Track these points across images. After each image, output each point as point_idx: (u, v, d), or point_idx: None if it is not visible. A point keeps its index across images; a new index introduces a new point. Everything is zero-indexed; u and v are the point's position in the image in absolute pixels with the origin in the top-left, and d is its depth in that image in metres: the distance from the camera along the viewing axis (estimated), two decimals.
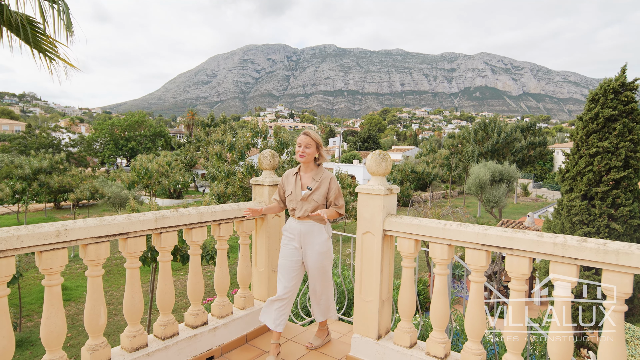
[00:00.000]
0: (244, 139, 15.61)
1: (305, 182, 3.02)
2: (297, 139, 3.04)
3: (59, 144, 37.55)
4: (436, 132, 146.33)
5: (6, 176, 24.24)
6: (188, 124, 61.82)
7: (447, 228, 2.57)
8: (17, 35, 4.22)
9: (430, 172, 34.84)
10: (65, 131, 46.70)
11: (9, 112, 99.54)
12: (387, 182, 2.99)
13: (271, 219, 3.55)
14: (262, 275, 3.61)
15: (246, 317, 3.38)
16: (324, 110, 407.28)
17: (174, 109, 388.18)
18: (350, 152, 64.55)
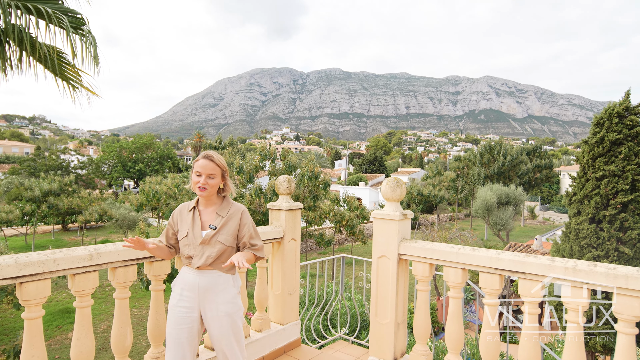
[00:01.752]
0: (252, 162, 15.83)
1: (207, 220, 2.35)
2: (195, 165, 2.33)
3: (68, 166, 38.06)
4: (442, 154, 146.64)
5: (15, 198, 24.56)
6: (195, 146, 62.59)
7: (461, 252, 2.66)
8: (44, 65, 4.46)
9: (436, 194, 34.83)
10: (74, 153, 47.47)
11: (19, 135, 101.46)
12: (401, 208, 3.10)
13: (287, 243, 3.66)
14: (278, 299, 3.69)
15: (263, 340, 3.45)
16: (330, 132, 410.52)
17: (182, 131, 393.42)
18: (356, 174, 64.74)
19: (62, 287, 16.82)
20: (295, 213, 3.71)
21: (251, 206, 14.95)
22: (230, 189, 2.46)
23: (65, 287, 16.91)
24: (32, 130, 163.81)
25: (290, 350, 3.68)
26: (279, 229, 3.59)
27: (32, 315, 2.17)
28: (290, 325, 3.70)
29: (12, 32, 3.54)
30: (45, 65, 4.37)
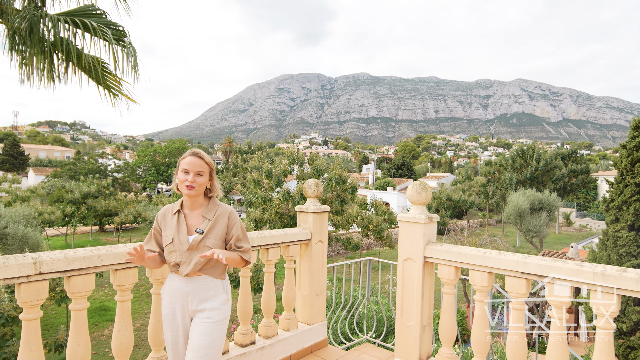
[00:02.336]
0: (281, 166, 16.07)
1: (193, 223, 2.22)
2: (182, 162, 2.20)
3: (106, 169, 39.64)
4: (472, 159, 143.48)
5: (57, 200, 25.80)
6: (225, 151, 63.86)
7: (486, 256, 2.67)
8: (88, 75, 4.75)
9: (466, 199, 34.14)
10: (111, 157, 49.45)
11: (61, 140, 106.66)
12: (427, 211, 3.13)
13: (315, 245, 3.74)
14: (306, 299, 3.78)
15: (290, 339, 3.54)
16: (358, 137, 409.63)
17: (212, 136, 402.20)
18: (384, 179, 64.30)
19: (99, 286, 17.51)
20: (322, 216, 3.79)
21: (279, 209, 15.16)
22: (217, 190, 2.31)
23: (101, 286, 17.62)
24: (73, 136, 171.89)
25: (317, 350, 3.75)
26: (306, 231, 3.69)
27: (78, 306, 2.34)
28: (317, 326, 3.77)
29: (60, 44, 3.81)
30: (89, 74, 4.65)
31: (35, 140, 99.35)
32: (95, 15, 4.11)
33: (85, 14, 4.04)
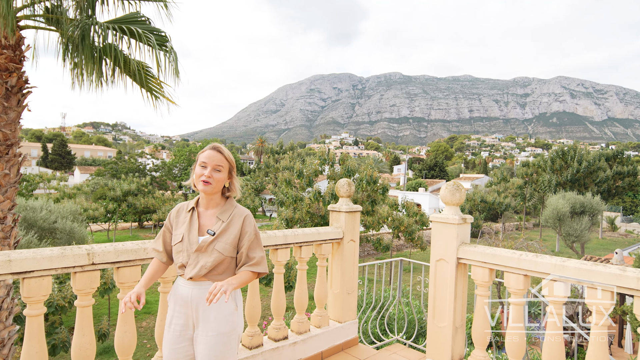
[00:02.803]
0: (312, 166, 16.19)
1: (206, 224, 2.06)
2: (201, 156, 2.06)
3: (144, 168, 41.18)
4: (508, 160, 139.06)
5: (100, 197, 27.06)
6: (257, 151, 64.93)
7: (522, 258, 2.64)
8: (133, 79, 4.99)
9: (501, 202, 33.15)
10: (149, 157, 51.38)
11: (104, 140, 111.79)
12: (461, 212, 3.11)
13: (346, 244, 3.79)
14: (337, 297, 3.84)
15: (322, 335, 3.60)
16: (389, 137, 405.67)
17: (245, 136, 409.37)
18: (416, 179, 63.40)
19: None
20: (354, 215, 3.84)
21: (310, 209, 15.28)
22: (236, 190, 2.13)
23: None
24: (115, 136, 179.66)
25: (348, 348, 3.80)
26: (338, 230, 3.74)
27: None
28: (348, 324, 3.82)
29: (109, 50, 4.04)
30: (134, 78, 4.90)
31: (80, 140, 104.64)
32: (140, 22, 4.33)
33: (131, 21, 4.26)
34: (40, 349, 2.17)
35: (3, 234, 3.94)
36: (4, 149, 3.91)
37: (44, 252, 2.16)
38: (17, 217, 4.12)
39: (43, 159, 65.30)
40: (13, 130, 3.96)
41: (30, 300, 2.14)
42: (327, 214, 15.36)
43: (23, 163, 4.31)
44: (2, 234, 3.93)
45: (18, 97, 4.04)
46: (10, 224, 4.01)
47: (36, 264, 2.11)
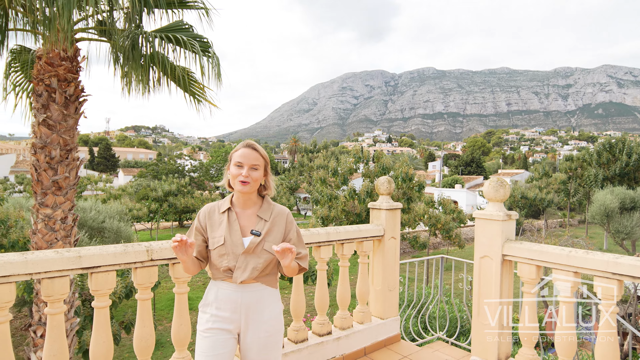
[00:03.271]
0: (346, 164, 16.22)
1: (247, 224, 1.99)
2: (235, 155, 1.99)
3: (183, 169, 42.57)
4: (550, 154, 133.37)
5: (143, 197, 28.22)
6: (291, 150, 65.58)
7: (572, 255, 2.58)
8: (177, 84, 5.22)
9: (543, 198, 31.86)
10: (187, 158, 53.07)
11: (145, 143, 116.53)
12: (505, 209, 3.07)
13: (387, 241, 3.82)
14: (379, 294, 3.87)
15: (365, 331, 3.65)
16: (423, 133, 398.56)
17: (278, 136, 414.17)
18: (452, 176, 62.00)
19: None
20: (395, 212, 3.86)
21: (345, 207, 15.32)
22: (272, 188, 2.08)
23: None
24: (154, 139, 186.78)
25: (390, 344, 3.83)
26: (379, 227, 3.78)
27: (180, 290, 2.66)
28: (390, 320, 3.85)
29: (156, 59, 4.26)
30: (178, 83, 5.13)
31: (123, 143, 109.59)
32: (184, 30, 4.53)
33: (176, 29, 4.46)
34: (106, 338, 2.35)
35: (64, 232, 4.23)
36: (64, 153, 4.20)
37: (109, 249, 2.33)
38: (76, 217, 4.42)
39: (90, 162, 68.85)
40: (71, 136, 4.25)
41: (97, 294, 2.31)
42: (363, 212, 15.35)
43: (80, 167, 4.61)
44: (64, 233, 4.23)
45: (75, 105, 4.33)
46: (70, 224, 4.31)
47: (102, 259, 2.28)
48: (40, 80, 4.05)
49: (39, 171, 4.08)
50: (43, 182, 4.09)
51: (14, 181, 43.69)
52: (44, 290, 2.16)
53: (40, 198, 4.11)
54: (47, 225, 4.12)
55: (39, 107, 4.09)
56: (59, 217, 4.15)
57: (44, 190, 4.11)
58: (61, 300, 2.24)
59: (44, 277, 2.13)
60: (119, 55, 4.86)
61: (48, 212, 4.12)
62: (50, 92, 4.09)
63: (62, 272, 2.17)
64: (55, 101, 4.10)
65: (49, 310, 2.20)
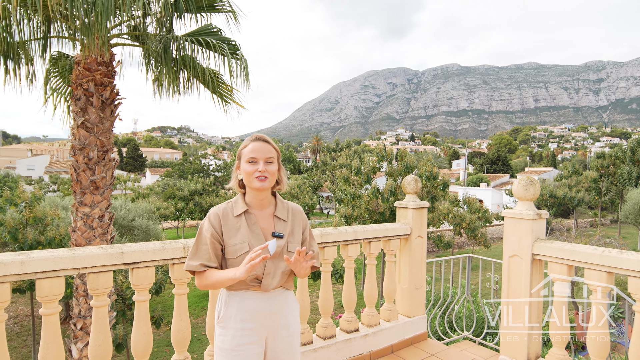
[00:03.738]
0: (369, 163, 16.20)
1: (266, 226, 1.85)
2: (245, 151, 1.83)
3: (208, 169, 43.36)
4: (580, 151, 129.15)
5: (169, 197, 28.93)
6: (313, 149, 65.80)
7: (605, 254, 2.55)
8: (205, 85, 5.36)
9: (573, 196, 30.91)
10: (212, 158, 54.02)
11: (170, 143, 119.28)
12: (535, 207, 3.05)
13: (414, 240, 3.84)
14: (405, 292, 3.89)
15: (392, 329, 3.68)
16: (447, 131, 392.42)
17: (300, 135, 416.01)
18: (477, 174, 60.87)
19: None
20: (421, 211, 3.87)
21: (369, 206, 15.31)
22: (284, 182, 1.93)
23: None
24: (180, 139, 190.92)
25: (417, 342, 3.85)
26: (406, 226, 3.80)
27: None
28: (417, 319, 3.87)
29: (187, 62, 4.39)
30: (206, 85, 5.27)
31: (150, 144, 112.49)
32: (213, 33, 4.66)
33: (205, 33, 4.60)
34: (147, 330, 2.47)
35: (102, 230, 4.43)
36: (101, 154, 4.39)
37: (148, 246, 2.45)
38: (112, 215, 4.62)
39: (119, 162, 71.00)
40: (108, 137, 4.45)
41: (138, 288, 2.44)
42: (386, 211, 15.30)
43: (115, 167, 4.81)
44: (101, 230, 4.43)
45: (111, 108, 4.52)
46: (107, 222, 4.51)
47: (143, 256, 2.40)
48: (78, 84, 4.25)
49: (78, 171, 4.29)
50: (82, 182, 4.29)
51: (48, 181, 45.51)
52: (90, 284, 2.29)
53: (80, 197, 4.32)
54: (85, 223, 4.33)
55: (78, 110, 4.29)
56: (96, 215, 4.35)
57: (82, 190, 4.31)
58: (105, 294, 2.37)
59: (90, 272, 2.26)
60: (150, 59, 5.04)
61: (87, 211, 4.32)
62: (88, 96, 4.28)
63: (107, 267, 2.30)
64: (93, 104, 4.30)
65: (94, 303, 2.33)
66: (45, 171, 59.15)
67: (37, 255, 2.12)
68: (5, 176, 31.90)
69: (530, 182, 2.97)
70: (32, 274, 2.10)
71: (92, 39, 3.71)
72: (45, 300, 2.17)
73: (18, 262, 2.05)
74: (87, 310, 4.44)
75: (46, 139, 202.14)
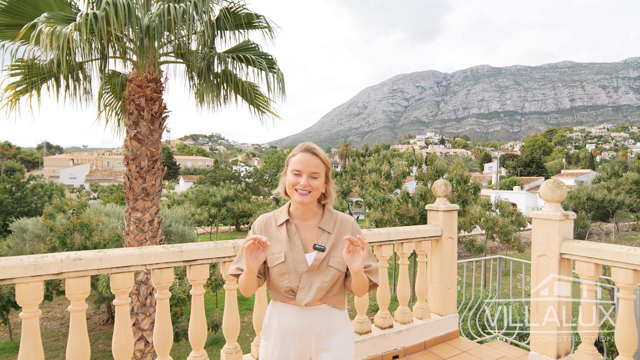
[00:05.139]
0: (399, 168, 16.28)
1: (308, 238, 1.79)
2: (292, 161, 1.78)
3: (239, 175, 44.36)
4: (620, 152, 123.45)
5: (203, 203, 29.83)
6: (342, 154, 65.98)
7: (631, 253, 2.66)
8: (243, 97, 5.71)
9: (613, 199, 29.72)
10: (242, 164, 55.30)
11: (202, 151, 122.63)
12: (562, 209, 3.17)
13: (445, 241, 4.00)
14: (437, 291, 4.06)
15: (424, 327, 3.85)
16: (478, 134, 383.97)
17: (329, 140, 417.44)
18: (510, 177, 59.33)
19: None
20: (452, 214, 4.03)
21: (399, 210, 15.37)
22: (333, 196, 1.85)
23: None
24: (211, 146, 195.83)
25: (450, 340, 4.00)
26: (437, 228, 3.97)
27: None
28: (449, 317, 4.02)
29: (228, 77, 4.75)
30: (244, 97, 5.62)
31: (183, 152, 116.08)
32: (251, 49, 5.00)
33: (244, 49, 4.94)
34: (202, 321, 2.77)
35: (152, 233, 4.83)
36: (150, 164, 4.80)
37: (203, 245, 2.75)
38: (160, 219, 5.01)
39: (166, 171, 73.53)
40: (157, 148, 4.85)
41: (195, 283, 2.74)
42: (417, 215, 15.31)
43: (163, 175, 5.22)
44: (151, 234, 4.82)
45: (159, 120, 4.93)
46: (156, 225, 4.90)
47: (199, 254, 2.71)
48: (131, 100, 4.67)
49: (131, 180, 4.70)
50: (134, 189, 4.70)
51: (89, 189, 47.76)
52: (154, 278, 2.61)
53: (132, 203, 4.73)
54: (137, 227, 4.73)
55: (130, 123, 4.72)
56: (147, 219, 4.75)
57: (135, 197, 4.72)
58: (167, 288, 2.68)
59: (154, 268, 2.58)
60: (193, 75, 5.44)
61: (138, 216, 4.73)
62: (140, 110, 4.70)
63: (169, 264, 2.62)
64: (144, 118, 4.72)
65: (158, 295, 2.65)
66: (85, 179, 62.11)
67: (112, 253, 2.45)
68: (50, 185, 33.81)
69: (556, 185, 3.10)
70: (108, 269, 2.43)
71: (144, 59, 4.10)
72: (118, 292, 2.50)
73: (97, 258, 2.39)
74: (139, 307, 4.83)
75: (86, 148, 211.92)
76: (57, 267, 2.23)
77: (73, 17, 3.66)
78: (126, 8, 3.39)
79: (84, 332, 2.39)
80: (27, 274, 2.15)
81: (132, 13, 3.51)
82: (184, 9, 3.58)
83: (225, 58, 4.70)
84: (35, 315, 2.21)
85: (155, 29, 3.76)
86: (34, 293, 2.19)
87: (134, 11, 3.68)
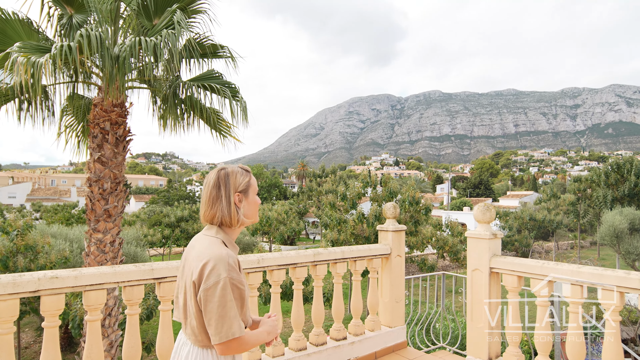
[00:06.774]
0: (355, 189, 16.85)
1: None
2: (252, 183, 1.74)
3: (194, 195, 43.45)
4: (560, 175, 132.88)
5: (155, 223, 28.97)
6: (299, 175, 66.44)
7: (545, 266, 3.16)
8: (206, 122, 5.94)
9: (552, 219, 32.04)
10: (198, 184, 54.14)
11: (155, 170, 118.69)
12: (492, 228, 3.66)
13: (394, 258, 4.40)
14: (387, 305, 4.43)
15: (375, 338, 4.19)
16: (430, 156, 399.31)
17: (286, 161, 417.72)
18: (460, 198, 62.18)
19: None
20: (400, 234, 4.45)
21: (354, 230, 15.84)
22: None
23: None
24: (164, 165, 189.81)
25: (399, 350, 4.36)
26: (386, 247, 4.37)
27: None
28: (397, 329, 4.39)
29: (194, 103, 4.99)
30: (207, 122, 5.85)
31: (134, 170, 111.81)
32: (215, 78, 5.28)
33: (209, 78, 5.22)
34: (170, 334, 2.95)
35: (112, 254, 4.88)
36: (114, 186, 4.90)
37: (172, 264, 2.96)
38: (121, 240, 5.08)
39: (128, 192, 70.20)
40: (120, 170, 4.96)
41: (164, 299, 2.93)
42: (371, 235, 15.84)
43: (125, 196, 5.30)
44: (112, 254, 4.88)
45: (124, 144, 5.06)
46: (117, 246, 4.96)
47: (168, 272, 2.91)
48: (96, 124, 4.79)
49: (93, 201, 4.77)
50: (96, 211, 4.77)
51: (30, 209, 44.88)
52: (125, 295, 2.78)
53: (94, 224, 4.78)
54: (98, 248, 4.78)
55: (94, 146, 4.82)
56: (108, 240, 4.80)
57: (96, 218, 4.78)
58: (137, 304, 2.86)
59: (126, 285, 2.76)
60: (157, 100, 5.63)
61: (99, 237, 4.78)
62: (104, 134, 4.82)
63: (140, 281, 2.80)
64: (108, 141, 4.83)
65: (128, 311, 2.82)
66: (27, 199, 58.25)
67: (87, 272, 2.62)
68: None
69: (486, 208, 3.59)
70: (82, 286, 2.59)
71: (112, 85, 4.29)
72: (91, 308, 2.65)
73: (72, 276, 2.55)
74: (109, 324, 4.83)
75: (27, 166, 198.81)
76: (34, 285, 2.38)
77: (44, 46, 3.79)
78: (99, 40, 3.60)
79: (56, 347, 2.51)
80: (6, 291, 2.28)
81: (104, 45, 3.71)
82: (155, 44, 3.83)
83: (190, 86, 4.95)
84: (10, 331, 2.33)
85: (125, 58, 3.97)
86: (11, 310, 2.32)
87: (105, 42, 3.88)
